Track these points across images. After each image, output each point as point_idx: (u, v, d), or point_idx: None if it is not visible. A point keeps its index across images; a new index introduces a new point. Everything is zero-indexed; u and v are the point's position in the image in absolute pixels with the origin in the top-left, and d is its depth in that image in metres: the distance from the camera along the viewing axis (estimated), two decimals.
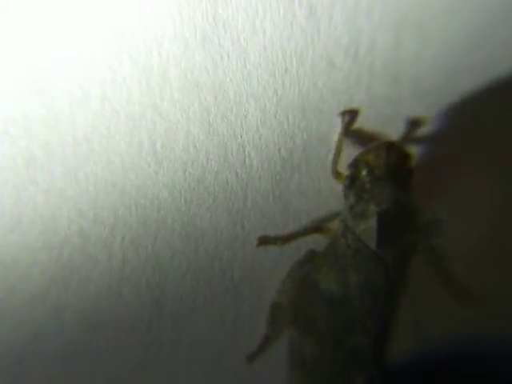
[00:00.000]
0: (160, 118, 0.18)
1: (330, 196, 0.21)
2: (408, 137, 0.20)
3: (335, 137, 0.20)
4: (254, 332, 0.19)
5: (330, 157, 0.21)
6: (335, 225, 0.19)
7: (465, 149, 0.21)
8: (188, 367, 0.20)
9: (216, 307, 0.20)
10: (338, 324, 0.18)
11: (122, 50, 0.16)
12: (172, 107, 0.18)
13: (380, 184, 0.17)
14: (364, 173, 0.17)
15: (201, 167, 0.19)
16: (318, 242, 0.20)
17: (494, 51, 0.19)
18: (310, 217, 0.21)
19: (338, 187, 0.21)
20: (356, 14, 0.18)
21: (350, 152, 0.19)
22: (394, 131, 0.20)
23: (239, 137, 0.20)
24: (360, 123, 0.20)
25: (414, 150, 0.19)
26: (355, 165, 0.18)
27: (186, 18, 0.17)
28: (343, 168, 0.19)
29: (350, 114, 0.19)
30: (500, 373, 0.22)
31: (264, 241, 0.20)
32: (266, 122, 0.20)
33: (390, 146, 0.18)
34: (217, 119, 0.19)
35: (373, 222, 0.17)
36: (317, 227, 0.20)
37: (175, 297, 0.19)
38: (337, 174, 0.19)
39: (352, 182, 0.18)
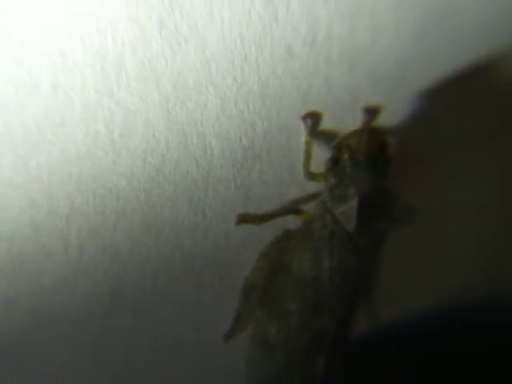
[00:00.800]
0: (117, 107, 0.18)
1: (292, 184, 0.21)
2: (367, 125, 0.20)
3: (296, 124, 0.20)
4: (216, 320, 0.19)
5: (291, 144, 0.21)
6: (312, 207, 0.19)
7: (426, 136, 0.21)
8: (148, 356, 0.20)
9: (177, 296, 0.20)
10: (305, 306, 0.19)
11: (74, 35, 0.16)
12: (129, 95, 0.18)
13: (360, 169, 0.17)
14: (346, 156, 0.18)
15: (161, 156, 0.19)
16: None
17: (443, 41, 0.19)
18: (271, 205, 0.21)
19: (300, 175, 0.21)
20: (313, 2, 0.18)
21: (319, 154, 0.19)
22: (352, 118, 0.20)
23: (199, 125, 0.19)
24: (319, 110, 0.20)
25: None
26: (338, 148, 0.18)
27: (141, 1, 0.16)
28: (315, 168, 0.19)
29: (312, 117, 0.19)
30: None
31: (243, 219, 0.20)
32: (226, 110, 0.19)
33: (372, 132, 0.18)
34: (176, 108, 0.19)
35: (352, 205, 0.17)
36: (294, 208, 0.20)
37: (135, 286, 0.19)
38: (311, 175, 0.19)
39: (334, 165, 0.18)
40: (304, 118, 0.19)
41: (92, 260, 0.18)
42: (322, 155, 0.20)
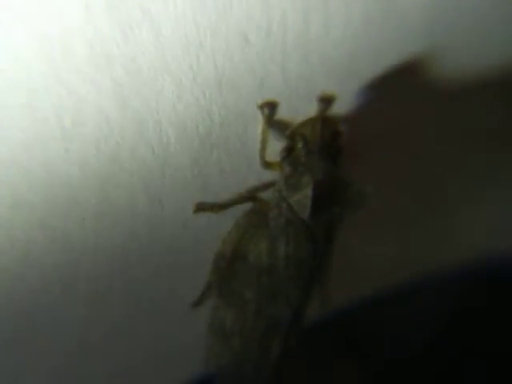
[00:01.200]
0: (67, 92, 0.17)
1: (250, 172, 0.21)
2: (321, 114, 0.20)
3: (253, 113, 0.20)
4: (174, 309, 0.19)
5: (248, 133, 0.21)
6: (269, 195, 0.19)
7: (376, 125, 0.21)
8: (101, 349, 0.19)
9: (133, 285, 0.19)
10: (262, 294, 0.19)
11: (15, 16, 0.15)
12: (80, 81, 0.17)
13: (314, 157, 0.17)
14: (300, 145, 0.18)
15: (115, 144, 0.18)
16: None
17: (392, 33, 0.20)
18: (229, 194, 0.21)
19: (258, 164, 0.21)
20: None
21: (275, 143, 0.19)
22: (307, 107, 0.21)
23: (155, 113, 0.19)
24: (275, 99, 0.20)
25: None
26: (292, 137, 0.18)
27: None
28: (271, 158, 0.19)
29: (269, 106, 0.19)
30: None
31: (201, 207, 0.20)
32: (183, 97, 0.19)
33: (325, 121, 0.18)
34: (131, 95, 0.18)
35: (306, 193, 0.17)
36: (251, 196, 0.20)
37: (88, 277, 0.18)
38: (266, 164, 0.19)
39: (288, 154, 0.18)
40: (261, 106, 0.19)
41: (41, 251, 0.17)
42: (279, 144, 0.20)
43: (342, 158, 0.18)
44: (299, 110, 0.21)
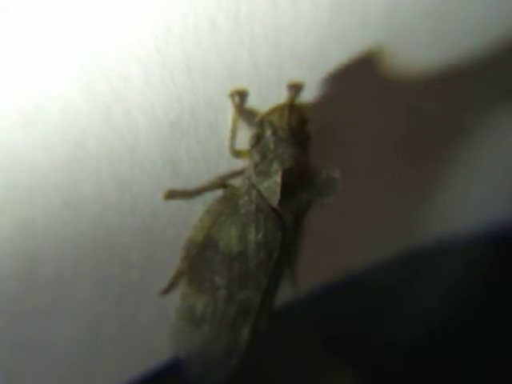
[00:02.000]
0: (27, 76, 0.16)
1: (220, 159, 0.20)
2: (290, 101, 0.20)
3: (223, 100, 0.20)
4: (141, 299, 0.18)
5: (219, 120, 0.20)
6: (239, 182, 0.19)
7: (343, 110, 0.22)
8: (68, 337, 0.19)
9: (101, 274, 0.19)
10: (232, 280, 0.19)
11: None
12: (41, 65, 0.16)
13: (283, 144, 0.18)
14: (268, 133, 0.18)
15: (81, 130, 0.18)
16: None
17: (356, 21, 0.20)
18: (199, 181, 0.21)
19: (226, 150, 0.21)
20: None
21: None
22: (277, 94, 0.20)
23: (123, 99, 0.18)
24: (244, 86, 0.20)
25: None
26: (260, 124, 0.18)
27: None
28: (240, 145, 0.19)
29: (240, 95, 0.19)
30: None
31: (171, 194, 0.19)
32: (151, 84, 0.19)
33: (293, 108, 0.18)
34: (97, 80, 0.18)
35: (276, 180, 0.18)
36: (222, 183, 0.19)
37: (55, 265, 0.17)
38: (236, 153, 0.19)
39: (257, 141, 0.18)
40: (231, 94, 0.19)
41: (2, 238, 0.16)
42: (249, 133, 0.19)
43: (310, 144, 0.18)
44: (269, 97, 0.20)
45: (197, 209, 0.21)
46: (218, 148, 0.20)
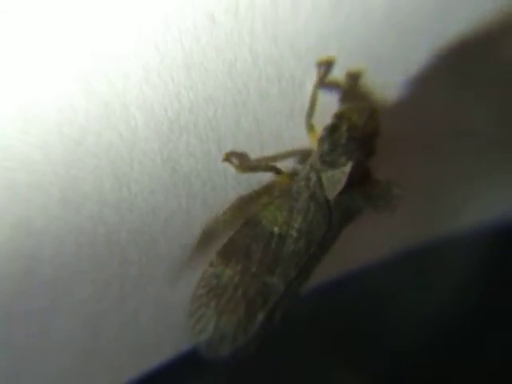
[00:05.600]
0: (25, 74, 0.15)
1: (220, 156, 0.19)
2: (351, 88, 0.19)
3: (222, 96, 0.19)
4: (141, 297, 0.18)
5: (218, 117, 0.19)
6: (296, 170, 0.19)
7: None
8: (64, 339, 0.18)
9: (101, 272, 0.18)
10: (263, 260, 0.18)
11: None
12: (39, 63, 0.15)
13: (354, 143, 0.17)
14: (344, 128, 0.17)
15: (80, 128, 0.17)
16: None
17: (360, 18, 0.19)
18: (199, 178, 0.20)
19: (227, 147, 0.20)
20: None
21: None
22: (277, 90, 0.19)
23: (121, 96, 0.17)
24: (243, 83, 0.19)
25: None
26: (339, 117, 0.18)
27: None
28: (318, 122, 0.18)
29: (326, 65, 0.18)
30: None
31: (229, 158, 0.19)
32: (150, 80, 0.18)
33: (374, 113, 0.18)
34: (95, 78, 0.17)
35: (343, 170, 0.17)
36: (277, 168, 0.19)
37: (53, 263, 0.17)
38: (311, 127, 0.19)
39: (331, 132, 0.18)
40: (318, 64, 0.19)
41: (1, 237, 0.15)
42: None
43: (374, 158, 0.18)
44: (269, 93, 0.19)
45: (196, 207, 0.20)
46: (218, 145, 0.19)
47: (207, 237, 0.19)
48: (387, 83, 0.20)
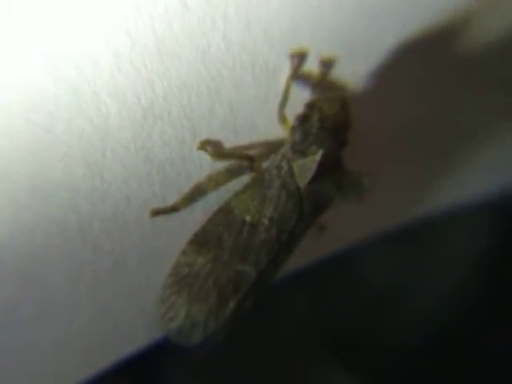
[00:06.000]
0: None
1: (194, 145, 0.19)
2: (323, 77, 0.19)
3: (196, 84, 0.18)
4: (115, 285, 0.17)
5: (192, 105, 0.19)
6: (269, 158, 0.19)
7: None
8: (35, 328, 0.17)
9: (73, 262, 0.17)
10: (235, 248, 0.18)
11: None
12: (5, 48, 0.15)
13: (325, 133, 0.17)
14: (316, 118, 0.17)
15: (48, 114, 0.16)
16: None
17: (331, 3, 0.18)
18: (174, 167, 0.19)
19: (202, 135, 0.20)
20: None
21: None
22: (251, 77, 0.19)
23: (92, 83, 0.17)
24: (217, 70, 0.18)
25: None
26: (311, 107, 0.18)
27: None
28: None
29: (299, 57, 0.18)
30: None
31: (203, 146, 0.19)
32: (121, 67, 0.17)
33: (345, 103, 0.18)
34: (64, 64, 0.16)
35: (314, 159, 0.17)
36: (249, 157, 0.19)
37: (22, 253, 0.16)
38: (283, 119, 0.19)
39: (302, 122, 0.18)
40: (291, 56, 0.19)
41: None
42: None
43: (345, 149, 0.18)
44: (243, 81, 0.19)
45: (171, 195, 0.19)
46: (192, 133, 0.19)
47: (182, 225, 0.19)
48: (359, 70, 0.20)
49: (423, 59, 0.20)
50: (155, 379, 0.22)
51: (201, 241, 0.18)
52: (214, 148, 0.19)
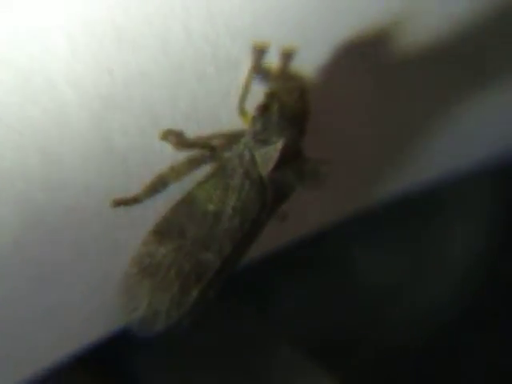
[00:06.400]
0: None
1: (155, 134, 0.19)
2: (284, 68, 0.19)
3: (157, 73, 0.18)
4: (76, 275, 0.17)
5: (153, 93, 0.19)
6: (230, 148, 0.19)
7: None
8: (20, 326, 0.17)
9: (31, 255, 0.17)
10: (198, 237, 0.18)
11: None
12: None
13: (285, 122, 0.17)
14: (276, 107, 0.18)
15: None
16: None
17: None
18: (135, 157, 0.19)
19: (163, 125, 0.19)
20: None
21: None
22: (214, 70, 0.19)
23: (46, 71, 0.16)
24: (179, 63, 0.18)
25: None
26: (271, 97, 0.18)
27: None
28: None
29: (260, 51, 0.18)
30: None
31: (165, 136, 0.18)
32: (78, 54, 0.17)
33: (304, 92, 0.18)
34: (15, 52, 0.15)
35: (275, 147, 0.17)
36: (211, 146, 0.19)
37: None
38: (243, 112, 0.19)
39: (262, 112, 0.18)
40: (253, 49, 0.18)
41: None
42: None
43: (304, 138, 0.18)
44: (206, 72, 0.19)
45: (132, 185, 0.19)
46: (153, 122, 0.19)
47: (143, 215, 0.19)
48: (318, 62, 0.20)
49: (378, 50, 0.20)
50: (117, 371, 0.22)
51: (163, 231, 0.18)
52: (176, 138, 0.19)
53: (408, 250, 0.29)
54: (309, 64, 0.20)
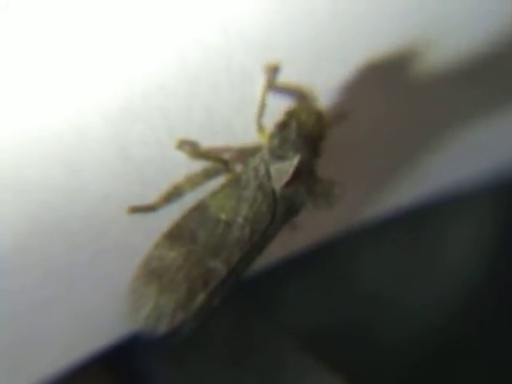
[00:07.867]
0: None
1: (172, 145, 0.19)
2: (270, 83, 0.19)
3: (176, 84, 0.18)
4: (91, 286, 0.17)
5: (171, 105, 0.19)
6: (244, 162, 0.19)
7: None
8: (10, 327, 0.17)
9: (48, 260, 0.17)
10: (208, 244, 0.18)
11: None
12: None
13: (302, 140, 0.18)
14: (294, 125, 0.18)
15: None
16: None
17: (304, 7, 0.19)
18: (153, 167, 0.19)
19: (179, 136, 0.19)
20: None
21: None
22: (228, 84, 0.19)
23: (65, 81, 0.16)
24: (195, 77, 0.18)
25: None
26: (290, 115, 0.18)
27: None
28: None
29: (274, 69, 0.19)
30: None
31: (181, 145, 0.19)
32: (96, 66, 0.17)
33: (321, 114, 0.18)
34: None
35: (291, 163, 0.18)
36: (225, 160, 0.19)
37: None
38: (260, 128, 0.19)
39: (281, 129, 0.18)
40: (266, 68, 0.19)
41: None
42: None
43: (318, 160, 0.19)
44: (219, 86, 0.19)
45: (149, 194, 0.19)
46: (169, 133, 0.19)
47: (158, 222, 0.19)
48: (331, 81, 0.20)
49: (394, 74, 0.20)
50: (133, 373, 0.22)
51: (174, 235, 0.18)
52: (190, 147, 0.19)
53: (410, 254, 0.29)
54: (321, 81, 0.20)
